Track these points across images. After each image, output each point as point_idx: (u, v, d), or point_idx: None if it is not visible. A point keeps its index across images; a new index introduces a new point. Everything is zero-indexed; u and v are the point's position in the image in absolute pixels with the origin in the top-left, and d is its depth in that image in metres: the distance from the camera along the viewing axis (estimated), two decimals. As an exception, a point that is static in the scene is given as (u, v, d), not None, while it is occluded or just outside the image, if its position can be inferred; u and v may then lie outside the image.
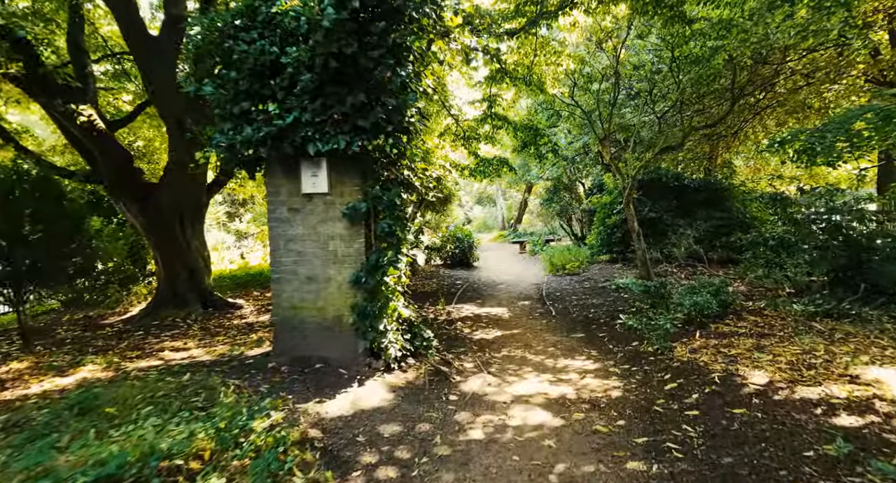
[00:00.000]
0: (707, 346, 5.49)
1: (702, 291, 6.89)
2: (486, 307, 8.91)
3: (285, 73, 4.02)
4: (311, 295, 4.64)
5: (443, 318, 7.88)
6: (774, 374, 4.47)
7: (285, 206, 4.56)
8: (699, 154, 12.43)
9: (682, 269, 10.61)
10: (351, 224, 4.66)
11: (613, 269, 11.92)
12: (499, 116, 11.28)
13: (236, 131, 4.10)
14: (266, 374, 4.37)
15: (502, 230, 33.55)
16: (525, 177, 20.12)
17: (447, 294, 10.18)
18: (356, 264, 4.67)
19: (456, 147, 12.93)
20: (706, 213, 11.70)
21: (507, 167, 12.63)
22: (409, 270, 10.76)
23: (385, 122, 4.28)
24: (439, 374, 4.90)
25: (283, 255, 4.59)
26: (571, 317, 7.81)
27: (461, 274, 13.26)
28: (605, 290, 9.66)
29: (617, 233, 12.39)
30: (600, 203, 13.46)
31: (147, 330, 6.64)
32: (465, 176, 13.35)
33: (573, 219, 18.20)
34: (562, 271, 12.58)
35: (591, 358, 5.67)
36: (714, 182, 12.05)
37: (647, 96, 10.76)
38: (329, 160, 4.51)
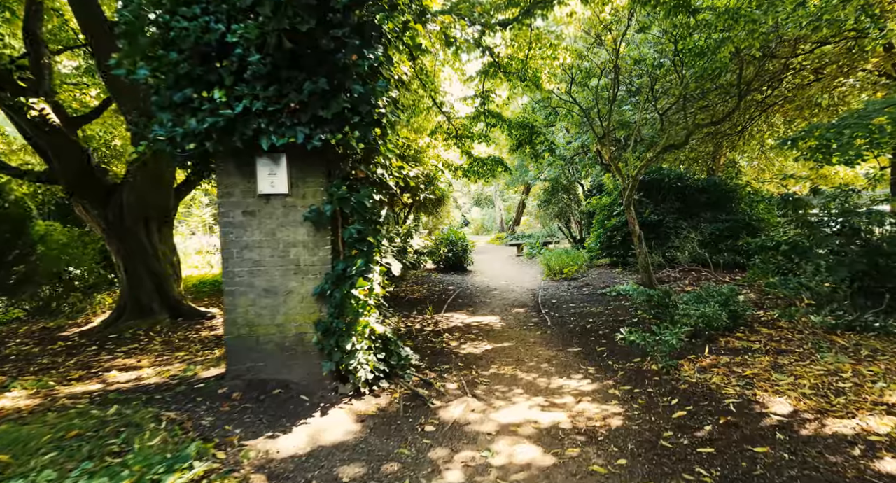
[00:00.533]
0: (718, 365, 4.92)
1: (709, 301, 6.33)
2: (477, 315, 8.35)
3: (233, 55, 3.46)
4: (269, 310, 4.07)
5: (429, 329, 7.31)
6: (798, 402, 3.90)
7: (239, 208, 4.00)
8: (703, 153, 11.89)
9: (686, 275, 10.05)
10: (315, 229, 4.10)
11: (613, 274, 11.36)
12: (492, 113, 10.72)
13: (177, 122, 3.54)
14: (214, 402, 3.81)
15: (500, 232, 33.01)
16: (523, 178, 19.57)
17: (437, 301, 9.61)
18: (321, 275, 4.11)
19: (448, 146, 12.38)
20: (711, 215, 11.15)
21: (503, 167, 12.08)
22: (399, 277, 10.21)
23: (351, 113, 3.72)
24: (417, 399, 4.33)
25: (237, 264, 4.03)
26: (568, 327, 7.24)
27: (454, 279, 12.70)
28: (605, 297, 9.10)
29: (617, 236, 11.83)
30: (599, 204, 12.91)
31: (103, 344, 6.07)
32: (458, 176, 12.81)
33: (572, 221, 17.65)
34: (559, 276, 12.02)
35: (588, 376, 5.10)
36: (719, 182, 11.50)
37: (648, 92, 10.22)
38: (289, 156, 3.95)
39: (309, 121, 3.66)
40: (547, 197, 17.16)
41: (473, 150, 12.57)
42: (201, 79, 3.51)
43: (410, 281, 11.93)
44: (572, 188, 17.13)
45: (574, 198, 17.17)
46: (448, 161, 12.78)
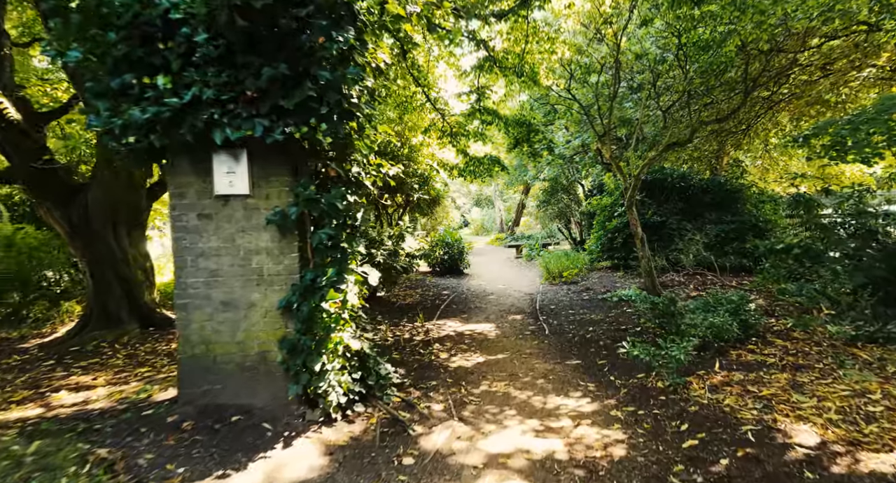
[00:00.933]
0: (730, 382, 4.47)
1: (718, 309, 5.88)
2: (471, 323, 7.89)
3: (180, 35, 3.01)
4: (228, 325, 3.62)
5: (418, 339, 6.85)
6: (825, 430, 3.44)
7: (194, 211, 3.54)
8: (707, 152, 11.45)
9: (691, 278, 9.59)
10: (280, 234, 3.65)
11: (615, 278, 10.90)
12: (488, 111, 10.27)
13: (115, 112, 3.08)
14: (161, 433, 3.35)
15: (500, 232, 32.56)
16: (522, 178, 19.11)
17: (430, 307, 9.15)
18: (287, 285, 3.66)
19: (443, 145, 11.92)
20: (715, 216, 10.70)
21: (500, 167, 11.63)
22: (391, 281, 9.76)
23: (317, 103, 3.26)
24: (396, 424, 3.88)
25: (192, 274, 3.57)
26: (567, 336, 6.78)
27: (449, 282, 12.24)
28: (606, 303, 8.64)
29: (618, 237, 11.38)
30: (600, 205, 12.46)
31: (61, 358, 5.61)
32: (454, 176, 12.36)
33: (572, 222, 17.19)
34: (559, 279, 11.57)
35: (588, 394, 4.64)
36: (724, 182, 11.04)
37: (650, 89, 9.78)
38: (250, 152, 3.50)
39: (269, 112, 3.21)
40: (546, 197, 16.70)
41: (469, 149, 12.13)
42: (143, 62, 3.06)
43: (403, 285, 11.46)
44: (572, 188, 16.68)
45: (574, 198, 16.72)
46: (443, 160, 12.33)
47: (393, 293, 10.44)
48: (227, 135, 3.14)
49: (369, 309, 8.64)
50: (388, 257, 8.96)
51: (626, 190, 8.90)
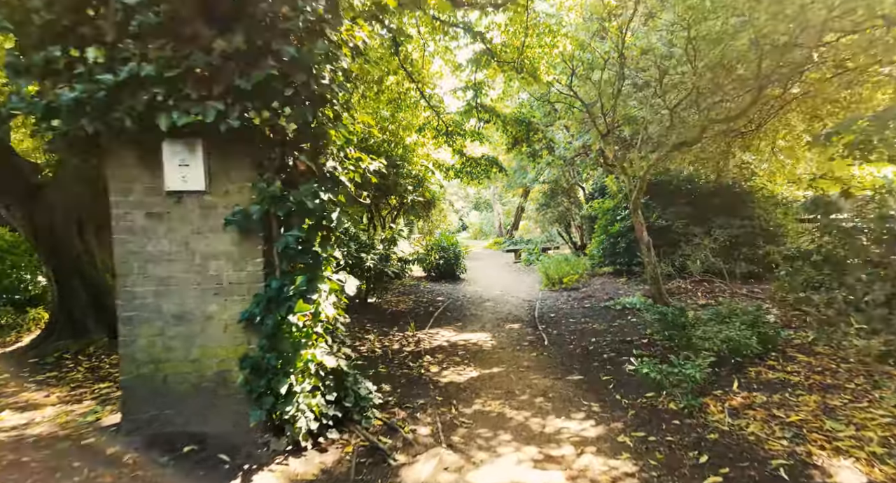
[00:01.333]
0: (752, 405, 3.99)
1: (733, 321, 5.40)
2: (465, 332, 7.41)
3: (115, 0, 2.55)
4: (181, 341, 3.15)
5: (408, 350, 6.37)
6: (871, 467, 2.96)
7: (140, 210, 3.07)
8: (715, 153, 10.98)
9: (698, 285, 9.12)
10: (242, 237, 3.18)
11: (618, 284, 10.43)
12: (485, 108, 9.84)
13: (40, 92, 2.62)
14: (96, 468, 2.87)
15: (499, 236, 32.11)
16: (521, 180, 18.65)
17: (423, 314, 8.67)
18: (250, 296, 3.19)
19: (438, 144, 11.49)
20: (723, 220, 10.22)
21: (498, 168, 11.21)
22: (382, 287, 9.29)
23: (281, 83, 2.81)
24: (376, 453, 3.40)
25: (139, 282, 3.10)
26: (568, 348, 6.30)
27: (445, 288, 11.76)
28: (609, 312, 8.16)
29: (621, 242, 10.91)
30: (602, 208, 12.00)
31: (18, 371, 5.13)
32: (449, 177, 11.92)
33: (572, 226, 16.73)
34: (559, 285, 11.09)
35: (592, 416, 4.17)
36: (732, 185, 10.58)
37: (656, 86, 9.34)
38: (207, 142, 3.04)
39: (223, 93, 2.75)
40: (546, 200, 16.24)
41: (466, 149, 11.69)
42: (71, 32, 2.60)
43: (396, 291, 10.99)
44: (573, 191, 16.22)
45: (575, 201, 16.26)
46: (439, 161, 11.89)
47: (384, 299, 9.96)
48: (173, 120, 2.68)
49: (358, 317, 8.17)
50: (380, 262, 8.49)
51: (631, 192, 8.44)
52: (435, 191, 12.46)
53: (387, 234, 9.45)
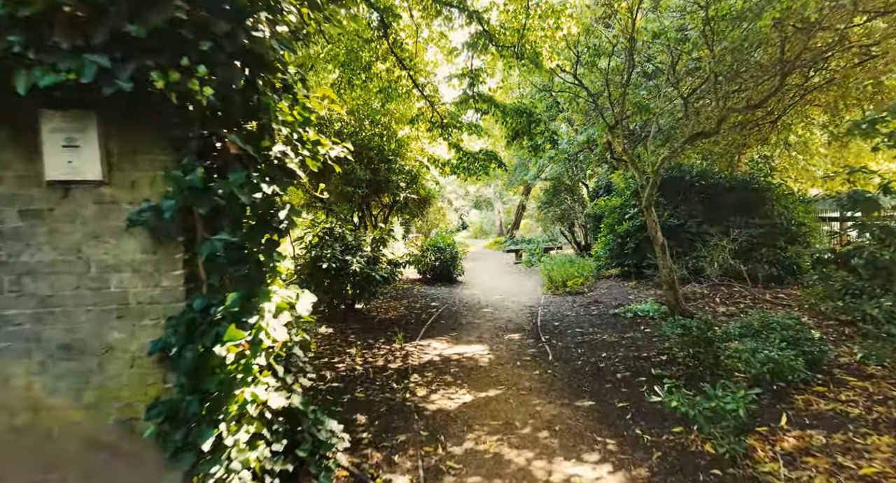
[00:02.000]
0: (810, 449, 3.22)
1: (770, 337, 4.63)
2: (460, 344, 6.65)
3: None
4: (71, 381, 2.38)
5: (394, 368, 5.61)
6: None
7: (12, 206, 2.30)
8: (730, 146, 10.22)
9: (715, 290, 8.34)
10: (155, 242, 2.42)
11: (626, 288, 9.65)
12: (483, 97, 9.06)
13: None
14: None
15: (500, 235, 31.37)
16: (521, 177, 17.87)
17: (414, 323, 7.91)
18: (164, 320, 2.42)
19: (433, 138, 10.72)
20: (741, 218, 9.45)
21: (497, 163, 10.43)
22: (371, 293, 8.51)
23: (193, 31, 2.04)
24: (334, 520, 2.64)
25: (11, 303, 2.33)
26: (575, 364, 5.54)
27: (440, 292, 11.00)
28: (619, 320, 7.39)
29: (630, 242, 10.14)
30: (609, 207, 11.23)
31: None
32: (445, 173, 11.15)
33: (576, 225, 15.96)
34: (562, 289, 10.33)
35: (608, 457, 3.41)
36: (750, 181, 9.79)
37: (668, 73, 8.57)
38: (102, 115, 2.27)
39: (108, 43, 1.98)
40: (548, 198, 15.45)
41: (463, 143, 10.92)
42: None
43: (387, 296, 10.22)
44: (576, 189, 15.44)
45: (578, 199, 15.48)
46: (434, 156, 11.12)
47: (373, 306, 9.19)
48: (34, 80, 1.92)
49: (342, 327, 7.42)
50: (367, 265, 7.72)
51: (642, 189, 7.67)
52: (430, 188, 11.69)
53: (376, 234, 8.68)
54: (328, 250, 7.57)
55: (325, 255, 7.45)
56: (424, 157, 11.12)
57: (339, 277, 7.64)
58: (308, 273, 7.54)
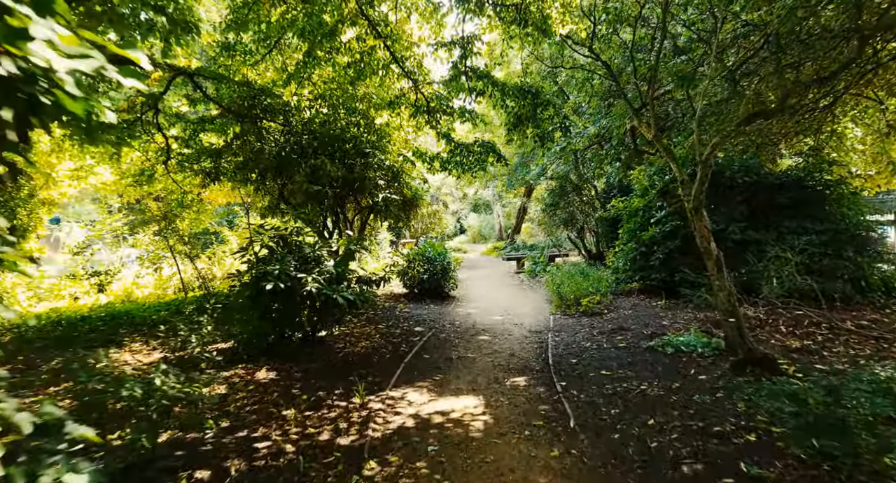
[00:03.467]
0: None
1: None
2: (446, 395, 4.87)
3: None
4: None
5: (344, 445, 3.80)
6: None
7: None
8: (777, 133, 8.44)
9: (774, 314, 6.55)
10: None
11: (655, 309, 7.86)
12: (478, 73, 7.31)
13: None
14: None
15: (499, 240, 29.60)
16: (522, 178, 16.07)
17: (389, 359, 6.11)
18: None
19: (419, 127, 8.96)
20: (795, 223, 7.68)
21: (495, 157, 8.68)
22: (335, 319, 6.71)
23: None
24: None
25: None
26: (611, 440, 3.75)
27: (428, 312, 9.19)
28: (657, 357, 5.61)
29: (657, 252, 8.36)
30: (629, 209, 9.45)
31: None
32: (435, 170, 9.39)
33: (586, 230, 14.18)
34: (575, 308, 8.55)
35: None
36: (805, 177, 8.02)
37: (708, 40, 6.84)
38: None
39: None
40: (553, 199, 13.65)
41: (455, 133, 9.17)
42: None
43: (363, 318, 8.41)
44: (585, 189, 13.65)
45: (588, 201, 13.69)
46: (421, 149, 9.36)
47: (346, 331, 7.40)
48: None
49: (289, 369, 5.61)
50: (328, 285, 5.94)
51: (683, 185, 5.89)
52: (417, 187, 9.92)
53: (341, 243, 6.89)
54: (277, 265, 5.79)
55: (271, 273, 5.67)
56: (409, 150, 9.37)
57: (291, 301, 5.86)
58: (248, 296, 5.75)
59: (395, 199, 8.52)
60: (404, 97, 7.88)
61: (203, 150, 8.79)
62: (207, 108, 9.56)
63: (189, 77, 7.65)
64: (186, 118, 8.50)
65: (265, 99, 8.42)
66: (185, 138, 8.79)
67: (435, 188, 24.90)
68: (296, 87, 8.87)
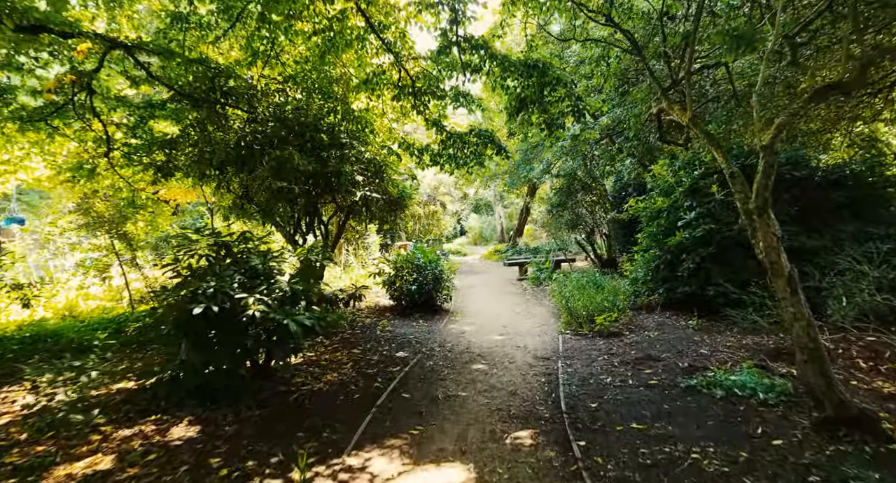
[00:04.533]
0: None
1: None
2: (424, 463, 3.57)
3: None
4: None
5: None
6: None
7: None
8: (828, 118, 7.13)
9: (844, 342, 5.22)
10: None
11: (687, 331, 6.53)
12: (472, 43, 6.00)
13: None
14: None
15: (500, 242, 28.28)
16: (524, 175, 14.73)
17: (358, 399, 4.81)
18: None
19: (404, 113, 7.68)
20: (854, 227, 6.36)
21: (494, 148, 7.41)
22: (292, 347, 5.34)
23: None
24: None
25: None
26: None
27: (415, 331, 7.88)
28: (702, 401, 4.30)
29: (687, 261, 7.04)
30: (649, 210, 8.13)
31: None
32: (424, 164, 8.12)
33: (596, 232, 12.86)
34: (588, 326, 7.24)
35: None
36: (865, 171, 6.70)
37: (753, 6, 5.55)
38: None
39: None
40: (561, 199, 12.30)
41: (448, 120, 7.90)
42: None
43: (335, 341, 7.10)
44: (595, 188, 12.31)
45: (600, 200, 12.34)
46: (408, 139, 8.07)
47: (311, 359, 6.10)
48: None
49: (224, 416, 4.31)
50: (279, 307, 4.65)
51: (732, 179, 4.57)
52: (405, 185, 8.62)
53: (300, 252, 5.59)
54: (213, 283, 4.49)
55: (204, 292, 4.37)
56: (395, 141, 8.08)
57: (231, 328, 4.56)
58: (174, 321, 4.45)
59: (377, 197, 7.21)
60: (385, 74, 6.58)
61: (154, 141, 7.52)
62: (158, 90, 8.29)
63: (126, 50, 6.37)
64: (130, 102, 7.22)
65: (226, 80, 7.18)
66: (131, 126, 7.52)
67: (432, 188, 23.60)
68: (262, 66, 7.59)
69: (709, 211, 6.94)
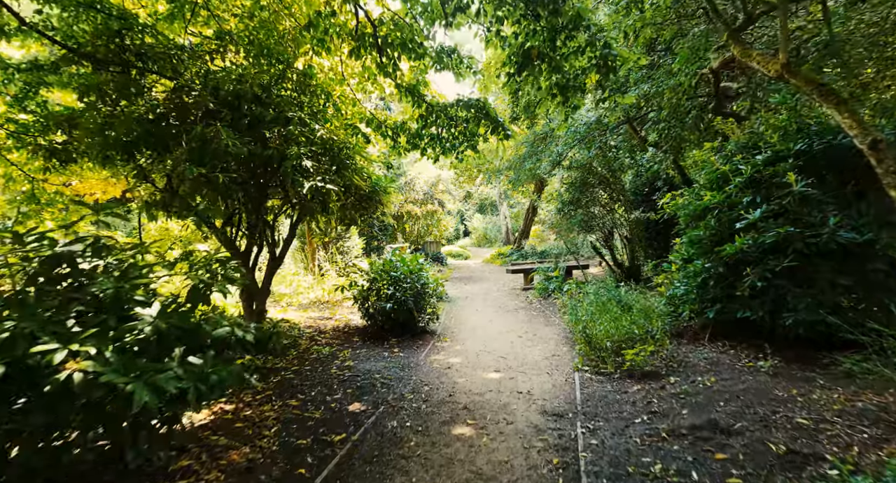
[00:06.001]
0: None
1: None
2: None
3: None
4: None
5: None
6: None
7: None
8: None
9: None
10: None
11: (756, 373, 4.64)
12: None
13: None
14: None
15: (506, 244, 26.44)
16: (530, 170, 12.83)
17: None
18: None
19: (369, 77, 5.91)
20: None
21: (491, 124, 5.61)
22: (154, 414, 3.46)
23: None
24: None
25: None
26: None
27: (385, 365, 6.04)
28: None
29: (751, 275, 5.13)
30: (691, 209, 6.25)
31: None
32: (401, 147, 6.35)
33: (615, 235, 10.97)
34: (613, 361, 5.40)
35: None
36: None
37: None
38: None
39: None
40: (574, 195, 10.39)
41: (430, 88, 6.11)
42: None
43: (271, 382, 5.29)
44: (615, 182, 10.40)
45: (619, 197, 10.43)
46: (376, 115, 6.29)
47: (200, 427, 4.29)
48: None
49: None
50: (132, 358, 2.84)
51: (875, 151, 2.71)
52: (378, 176, 6.80)
53: (214, 266, 3.75)
54: (7, 325, 2.69)
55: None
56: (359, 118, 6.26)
57: (44, 402, 2.76)
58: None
59: (333, 189, 5.40)
60: (336, 17, 4.77)
61: (51, 116, 5.79)
62: (53, 50, 6.53)
63: (-20, -15, 4.63)
64: (6, 63, 5.48)
65: (141, 36, 5.49)
66: (19, 97, 5.79)
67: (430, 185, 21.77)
68: (189, 19, 5.85)
69: (782, 208, 5.07)
